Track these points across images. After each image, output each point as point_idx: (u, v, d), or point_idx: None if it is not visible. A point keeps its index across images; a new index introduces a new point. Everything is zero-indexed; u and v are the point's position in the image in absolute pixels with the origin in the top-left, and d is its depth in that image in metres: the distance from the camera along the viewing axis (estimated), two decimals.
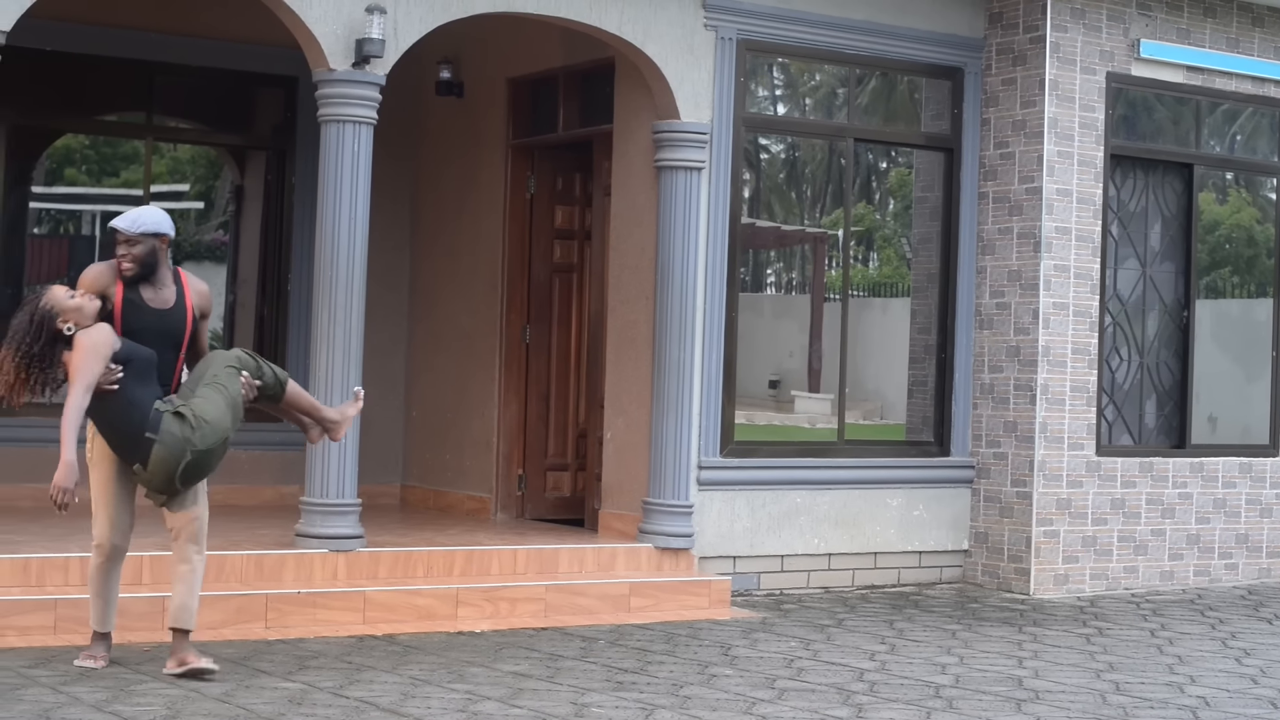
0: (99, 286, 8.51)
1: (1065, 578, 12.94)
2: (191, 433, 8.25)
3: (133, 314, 8.49)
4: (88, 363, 8.14)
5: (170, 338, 8.56)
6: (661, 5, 11.87)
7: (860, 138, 13.05)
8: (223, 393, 8.40)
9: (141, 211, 8.63)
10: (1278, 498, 14.09)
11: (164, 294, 8.61)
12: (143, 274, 8.52)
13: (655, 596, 11.26)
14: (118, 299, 8.48)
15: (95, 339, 8.23)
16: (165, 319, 8.56)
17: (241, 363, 8.56)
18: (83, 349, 8.17)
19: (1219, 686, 9.35)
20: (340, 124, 10.81)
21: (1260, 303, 14.29)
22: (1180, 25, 13.57)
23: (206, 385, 8.41)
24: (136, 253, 8.51)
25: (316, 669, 8.90)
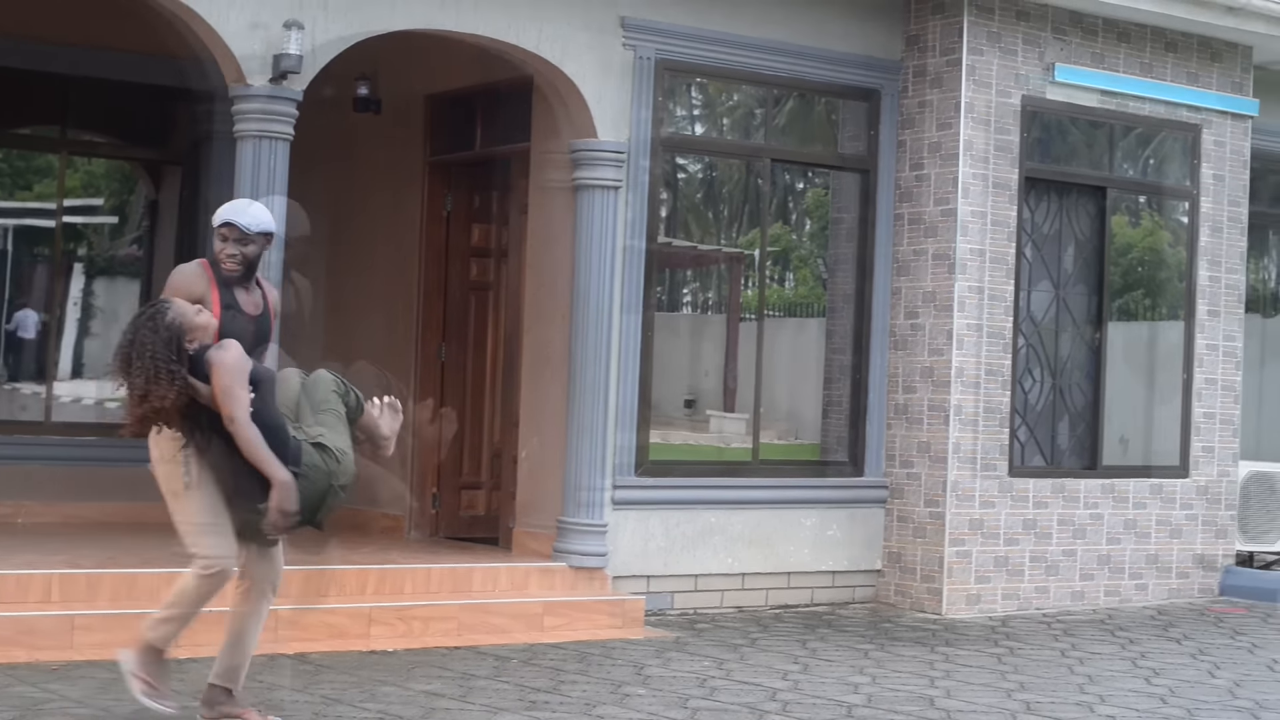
0: (196, 293, 7.59)
1: (977, 598, 13.01)
2: (337, 466, 7.50)
3: (231, 322, 7.60)
4: (239, 385, 7.23)
5: (262, 345, 7.78)
6: (580, 25, 11.88)
7: (777, 158, 13.10)
8: (341, 420, 7.68)
9: (254, 206, 7.89)
10: (1188, 519, 14.22)
11: (254, 297, 7.80)
12: (245, 276, 7.72)
13: (569, 616, 11.24)
14: (215, 305, 7.58)
15: (236, 357, 7.30)
16: (255, 326, 7.75)
17: (338, 386, 7.77)
18: (229, 370, 7.23)
19: (1128, 706, 9.42)
20: (256, 140, 10.76)
21: (1171, 325, 14.42)
22: (1095, 50, 13.69)
23: (324, 413, 7.62)
24: (248, 253, 7.69)
25: None
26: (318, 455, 7.43)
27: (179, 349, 7.21)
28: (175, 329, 7.24)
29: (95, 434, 13.68)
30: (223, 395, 7.20)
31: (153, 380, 7.16)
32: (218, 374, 7.22)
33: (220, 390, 7.20)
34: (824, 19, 13.02)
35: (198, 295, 7.54)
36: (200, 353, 7.28)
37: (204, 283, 7.62)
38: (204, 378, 7.24)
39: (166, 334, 7.21)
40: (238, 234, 7.66)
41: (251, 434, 7.19)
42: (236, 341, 7.35)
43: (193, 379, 7.23)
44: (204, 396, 7.25)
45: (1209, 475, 14.38)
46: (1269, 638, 12.23)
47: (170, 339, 7.20)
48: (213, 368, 7.23)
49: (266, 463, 7.21)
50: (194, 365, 7.26)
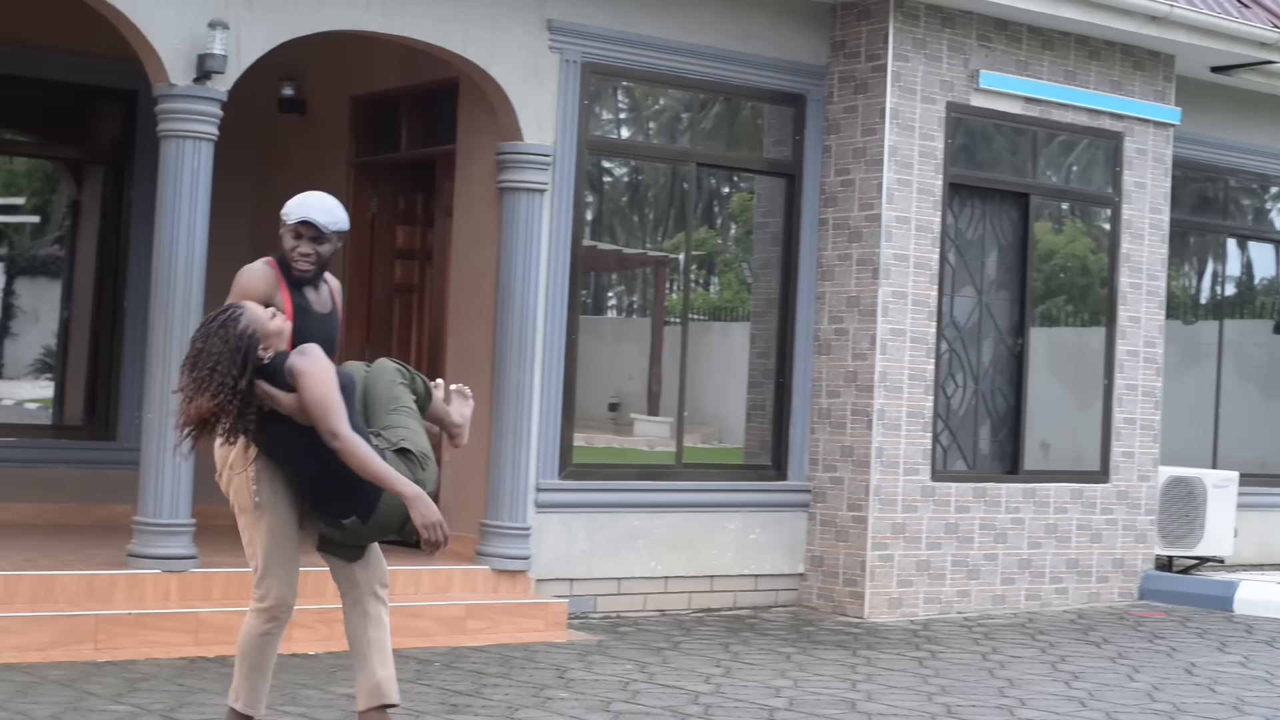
0: (266, 294, 7.00)
1: (899, 601, 13.07)
2: (422, 473, 6.88)
3: (303, 323, 7.01)
4: (335, 394, 6.64)
5: (331, 345, 7.13)
6: (506, 27, 11.87)
7: (703, 162, 13.13)
8: (416, 417, 7.08)
9: (330, 201, 7.23)
10: (1108, 523, 14.32)
11: (322, 295, 7.23)
12: (316, 276, 7.16)
13: (491, 619, 11.23)
14: (287, 306, 7.01)
15: (324, 364, 6.72)
16: (326, 325, 7.18)
17: (403, 375, 7.17)
18: (319, 379, 6.64)
19: (1049, 709, 9.47)
20: (180, 140, 10.69)
21: (1093, 331, 14.52)
22: (1019, 57, 13.77)
23: (395, 411, 7.01)
24: (323, 252, 7.12)
25: (147, 691, 8.80)
26: (403, 464, 6.82)
27: (247, 360, 6.63)
28: (248, 338, 6.65)
29: (14, 435, 13.57)
30: (319, 409, 6.61)
31: (208, 392, 6.60)
32: (309, 384, 6.64)
33: (315, 402, 6.62)
34: (751, 24, 13.06)
35: (267, 297, 6.98)
36: (278, 361, 6.72)
37: (273, 283, 7.04)
38: (284, 387, 6.69)
39: (237, 342, 6.63)
40: (314, 233, 7.09)
41: (361, 449, 6.60)
42: (318, 346, 6.80)
43: (272, 389, 6.68)
44: (286, 407, 6.69)
45: (1129, 480, 14.49)
46: (1188, 641, 12.33)
47: (240, 348, 6.62)
48: (299, 377, 6.65)
49: (387, 478, 6.62)
50: (272, 375, 6.70)
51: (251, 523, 6.99)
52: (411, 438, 6.90)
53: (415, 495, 6.64)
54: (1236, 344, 16.87)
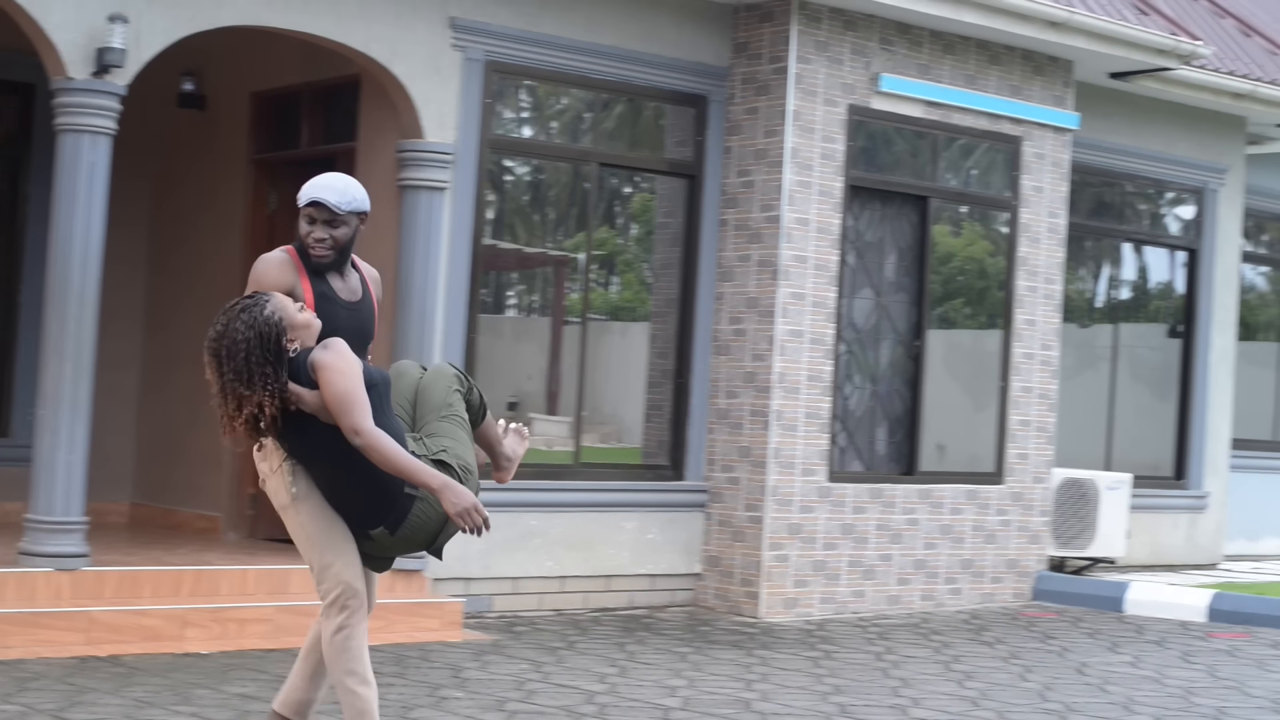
0: (285, 284, 6.51)
1: (795, 601, 13.13)
2: (461, 485, 6.35)
3: (328, 313, 6.53)
4: (358, 389, 6.20)
5: (363, 339, 6.67)
6: (409, 24, 11.84)
7: (605, 162, 13.14)
8: (464, 427, 6.60)
9: (343, 180, 6.69)
10: (1002, 524, 14.44)
11: (351, 283, 6.70)
12: (338, 262, 6.63)
13: (387, 618, 11.18)
14: (308, 295, 6.51)
15: (349, 358, 6.26)
16: (357, 315, 6.68)
17: (460, 383, 6.71)
18: (341, 372, 6.19)
19: (942, 709, 9.55)
20: (78, 134, 10.60)
21: (990, 334, 14.64)
22: (920, 61, 13.87)
23: (446, 419, 6.58)
24: (339, 236, 6.57)
25: (37, 691, 8.72)
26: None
27: (278, 350, 6.21)
28: (274, 325, 6.22)
29: None
30: (340, 404, 6.17)
31: (247, 384, 6.18)
32: (331, 379, 6.20)
33: (335, 398, 6.18)
34: (654, 25, 13.08)
35: (287, 288, 6.50)
36: (303, 356, 6.29)
37: (292, 272, 6.54)
38: (308, 383, 6.27)
39: (265, 328, 6.20)
40: (327, 214, 6.55)
41: (385, 444, 6.15)
42: (342, 340, 6.36)
43: (296, 386, 6.25)
44: (310, 405, 6.27)
45: (1023, 482, 14.62)
46: (1079, 642, 12.45)
47: (268, 335, 6.19)
48: (320, 371, 6.22)
49: (413, 471, 6.19)
50: (295, 371, 6.26)
51: (294, 517, 6.50)
52: (455, 449, 6.47)
53: (443, 485, 6.20)
54: (1131, 348, 17.05)
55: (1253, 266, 19.02)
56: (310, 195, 6.56)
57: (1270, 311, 19.42)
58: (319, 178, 6.66)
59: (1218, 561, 17.40)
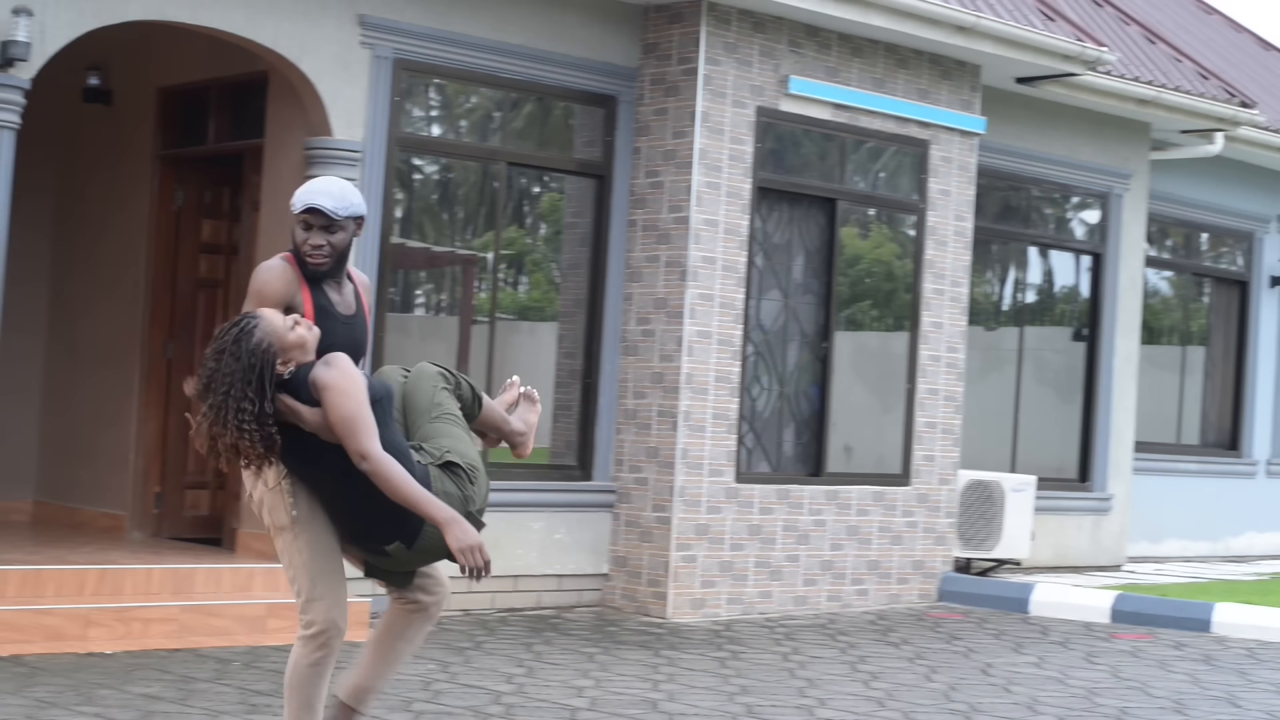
0: (285, 296, 6.27)
1: (702, 602, 13.15)
2: (471, 488, 6.26)
3: (326, 328, 6.26)
4: (364, 410, 5.98)
5: (356, 354, 6.38)
6: (317, 21, 11.78)
7: (513, 161, 13.11)
8: (459, 424, 6.41)
9: (339, 184, 6.43)
10: (908, 526, 14.52)
11: (346, 295, 6.48)
12: (334, 270, 6.39)
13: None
14: (307, 307, 6.27)
15: (352, 376, 6.04)
16: (353, 329, 6.44)
17: (446, 379, 6.51)
18: (346, 392, 5.97)
19: (848, 709, 9.58)
20: None
21: (897, 336, 14.71)
22: (829, 64, 13.92)
23: (438, 419, 6.37)
24: (337, 242, 6.34)
25: None
26: (449, 481, 6.21)
27: (264, 380, 5.96)
28: (262, 354, 5.97)
29: None
30: (347, 427, 5.96)
31: (229, 423, 5.96)
32: (335, 400, 5.98)
33: (341, 421, 5.96)
34: (563, 24, 13.07)
35: (287, 298, 6.25)
36: (303, 372, 6.06)
37: (293, 283, 6.30)
38: (309, 401, 6.05)
39: (250, 360, 5.95)
40: (324, 220, 6.31)
41: (393, 471, 5.95)
42: (345, 355, 6.13)
43: (295, 404, 6.03)
44: (311, 424, 6.06)
45: (930, 483, 14.70)
46: (984, 642, 12.53)
47: (254, 366, 5.94)
48: (324, 392, 5.99)
49: (422, 503, 5.98)
50: (295, 388, 6.04)
51: (290, 541, 6.26)
52: (458, 448, 6.26)
53: (450, 520, 6.00)
54: (1036, 351, 17.18)
55: (1156, 271, 19.20)
56: (306, 201, 6.33)
57: (1173, 316, 19.62)
58: (313, 183, 6.44)
59: (1121, 563, 17.55)
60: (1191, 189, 19.14)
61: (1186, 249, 19.64)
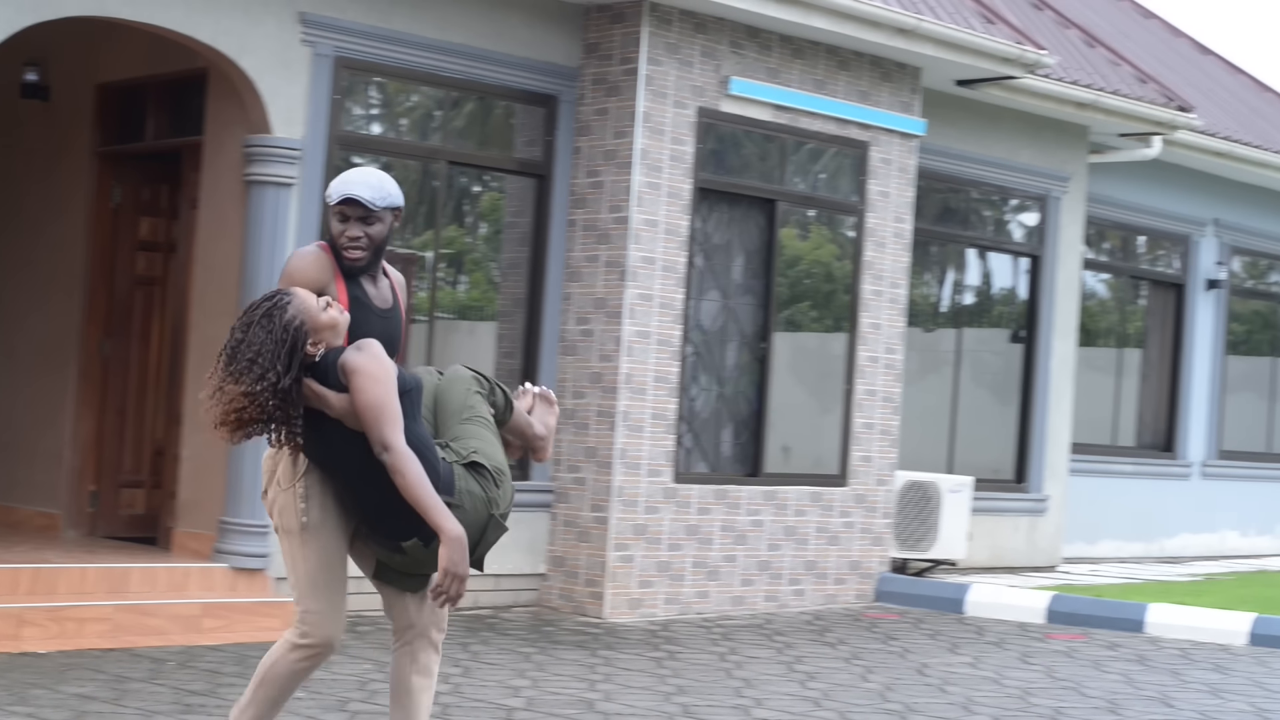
0: (318, 283, 6.07)
1: (639, 602, 13.16)
2: (496, 490, 6.08)
3: (361, 319, 6.10)
4: (392, 398, 5.81)
5: (392, 349, 6.18)
6: (258, 19, 11.73)
7: (454, 160, 13.09)
8: (489, 427, 6.24)
9: (376, 175, 6.26)
10: (845, 526, 14.56)
11: (382, 288, 6.29)
12: (372, 263, 6.20)
13: (228, 617, 11.09)
14: (342, 297, 6.09)
15: (383, 363, 5.85)
16: (388, 323, 6.25)
17: (480, 384, 6.36)
18: (375, 378, 5.79)
19: (784, 709, 9.61)
20: None
21: (836, 337, 14.75)
22: (770, 65, 13.95)
23: (469, 421, 6.21)
24: (375, 234, 6.15)
25: None
26: (474, 480, 6.03)
27: (294, 354, 5.80)
28: (296, 330, 5.81)
29: None
30: (372, 414, 5.78)
31: (241, 382, 5.79)
32: (364, 385, 5.79)
33: (366, 407, 5.78)
34: (505, 24, 13.06)
35: (320, 286, 6.06)
36: (331, 357, 5.89)
37: (327, 271, 6.10)
38: (336, 386, 5.87)
39: (282, 334, 5.79)
40: (362, 211, 6.11)
41: (412, 469, 5.77)
42: (377, 341, 5.95)
43: (321, 389, 5.86)
44: (336, 410, 5.87)
45: (867, 484, 14.76)
46: (920, 643, 12.58)
47: (286, 340, 5.79)
48: (353, 376, 5.80)
49: (432, 509, 5.79)
50: (323, 373, 5.88)
51: (297, 546, 6.08)
52: (485, 450, 6.09)
53: (455, 537, 5.79)
54: (974, 352, 17.26)
55: (1094, 273, 19.30)
56: (343, 192, 6.15)
57: (1110, 318, 19.73)
58: (349, 173, 6.25)
59: (1056, 564, 17.65)
60: (1129, 192, 19.26)
61: (1124, 252, 19.76)
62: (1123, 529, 19.36)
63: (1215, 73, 23.09)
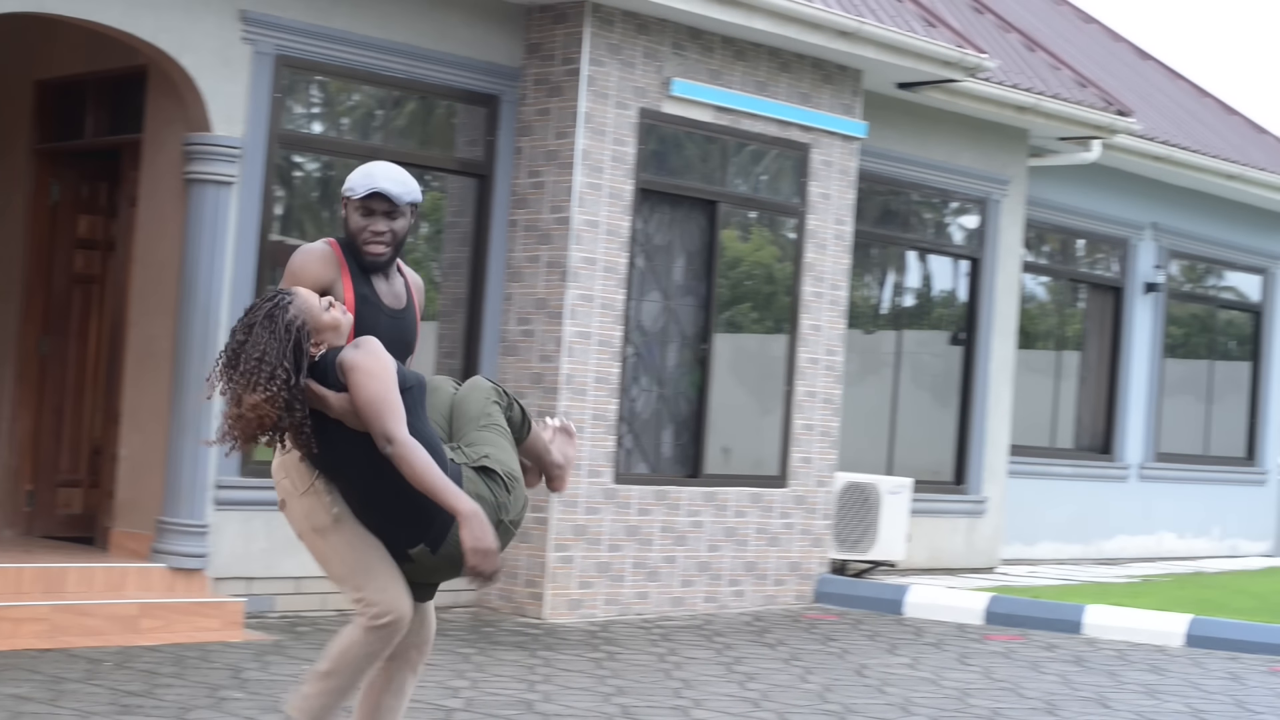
0: (324, 280, 5.99)
1: (579, 603, 13.16)
2: (506, 496, 5.96)
3: (368, 317, 6.02)
4: (391, 393, 5.73)
5: (404, 350, 6.13)
6: (198, 16, 11.69)
7: (395, 160, 13.03)
8: (505, 435, 6.13)
9: (397, 169, 6.17)
10: (785, 527, 14.59)
11: (395, 287, 6.19)
12: (391, 260, 6.12)
13: (166, 618, 11.04)
14: (348, 296, 5.99)
15: (381, 359, 5.78)
16: (400, 322, 6.16)
17: (499, 395, 6.24)
18: (373, 374, 5.72)
19: (723, 710, 9.62)
20: None
21: (776, 338, 14.78)
22: (712, 66, 13.97)
23: (486, 428, 6.10)
24: (398, 229, 6.08)
25: None
26: (484, 484, 5.92)
27: (298, 353, 5.73)
28: (298, 329, 5.75)
29: None
30: (372, 409, 5.70)
31: (257, 389, 5.70)
32: (360, 381, 5.72)
33: (366, 403, 5.71)
34: (447, 23, 13.04)
35: (325, 284, 5.97)
36: (330, 356, 5.82)
37: (333, 268, 6.00)
38: (336, 385, 5.80)
39: (286, 334, 5.71)
40: (388, 206, 6.04)
41: (418, 456, 5.68)
42: (376, 339, 5.85)
43: (320, 389, 5.78)
44: (336, 410, 5.80)
45: (807, 485, 14.79)
46: (860, 644, 12.62)
47: (290, 340, 5.71)
48: (350, 373, 5.74)
49: (443, 491, 5.69)
50: (323, 373, 5.80)
51: (334, 541, 6.00)
52: (498, 455, 6.00)
53: (471, 514, 5.70)
54: (914, 354, 17.32)
55: (1033, 276, 19.40)
56: (370, 185, 6.04)
57: (1050, 321, 19.83)
58: (372, 166, 6.15)
59: (995, 565, 17.73)
60: (1069, 196, 19.36)
61: (1063, 255, 19.87)
62: (1061, 531, 19.47)
63: (1155, 78, 23.23)
